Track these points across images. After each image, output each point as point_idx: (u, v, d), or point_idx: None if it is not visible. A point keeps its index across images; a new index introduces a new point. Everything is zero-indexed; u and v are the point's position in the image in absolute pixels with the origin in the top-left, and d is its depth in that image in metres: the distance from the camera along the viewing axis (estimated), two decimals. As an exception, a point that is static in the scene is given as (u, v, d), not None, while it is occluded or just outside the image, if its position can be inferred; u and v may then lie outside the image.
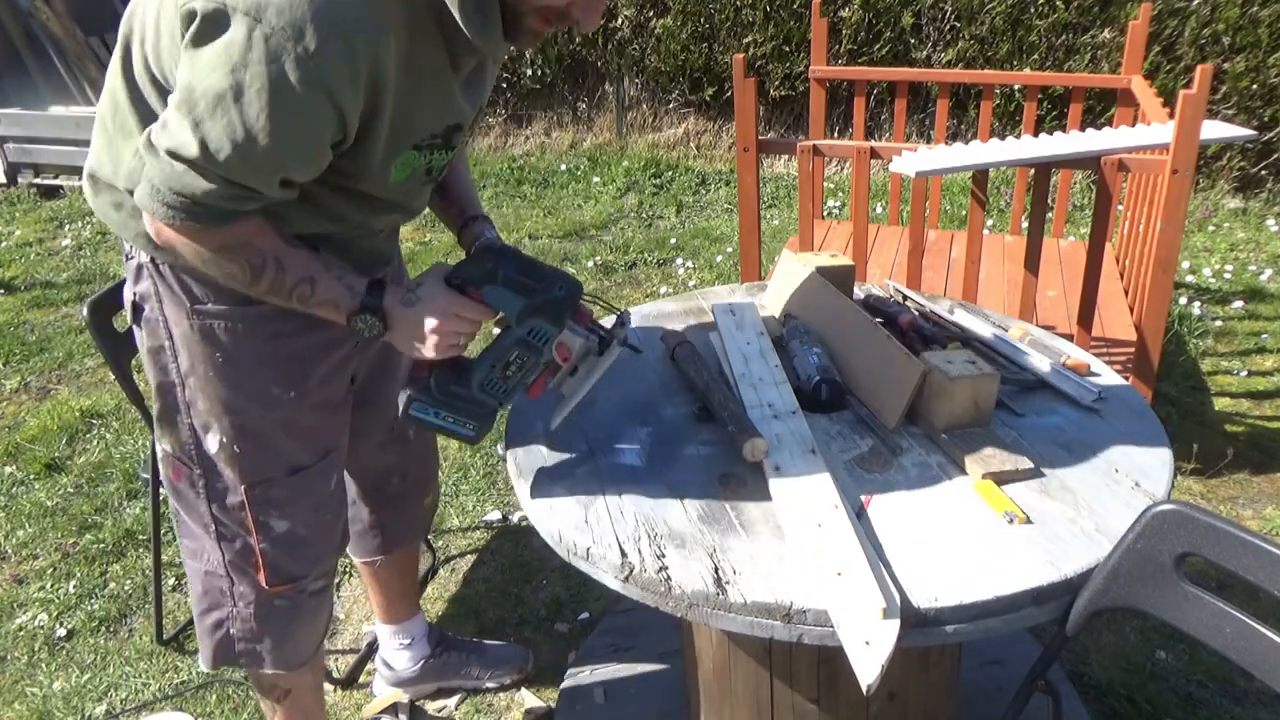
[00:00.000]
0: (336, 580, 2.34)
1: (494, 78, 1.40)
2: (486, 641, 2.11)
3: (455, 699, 2.04)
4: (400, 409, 1.28)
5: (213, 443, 1.39)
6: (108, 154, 1.27)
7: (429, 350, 1.26)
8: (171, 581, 2.41)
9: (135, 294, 1.37)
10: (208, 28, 1.02)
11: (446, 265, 1.30)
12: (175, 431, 1.41)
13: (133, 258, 1.35)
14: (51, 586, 2.42)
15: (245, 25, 1.00)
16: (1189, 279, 3.97)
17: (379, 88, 1.11)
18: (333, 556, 1.57)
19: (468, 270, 1.28)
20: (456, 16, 1.11)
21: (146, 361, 1.40)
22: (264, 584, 1.48)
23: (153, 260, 1.32)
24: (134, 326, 1.40)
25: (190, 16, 1.03)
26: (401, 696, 2.02)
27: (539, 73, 5.85)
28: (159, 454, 1.46)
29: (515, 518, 2.62)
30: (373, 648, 2.14)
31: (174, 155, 1.09)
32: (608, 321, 1.45)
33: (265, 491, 1.43)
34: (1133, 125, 3.08)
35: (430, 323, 1.24)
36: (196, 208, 1.12)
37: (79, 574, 2.46)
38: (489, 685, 2.04)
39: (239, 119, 1.04)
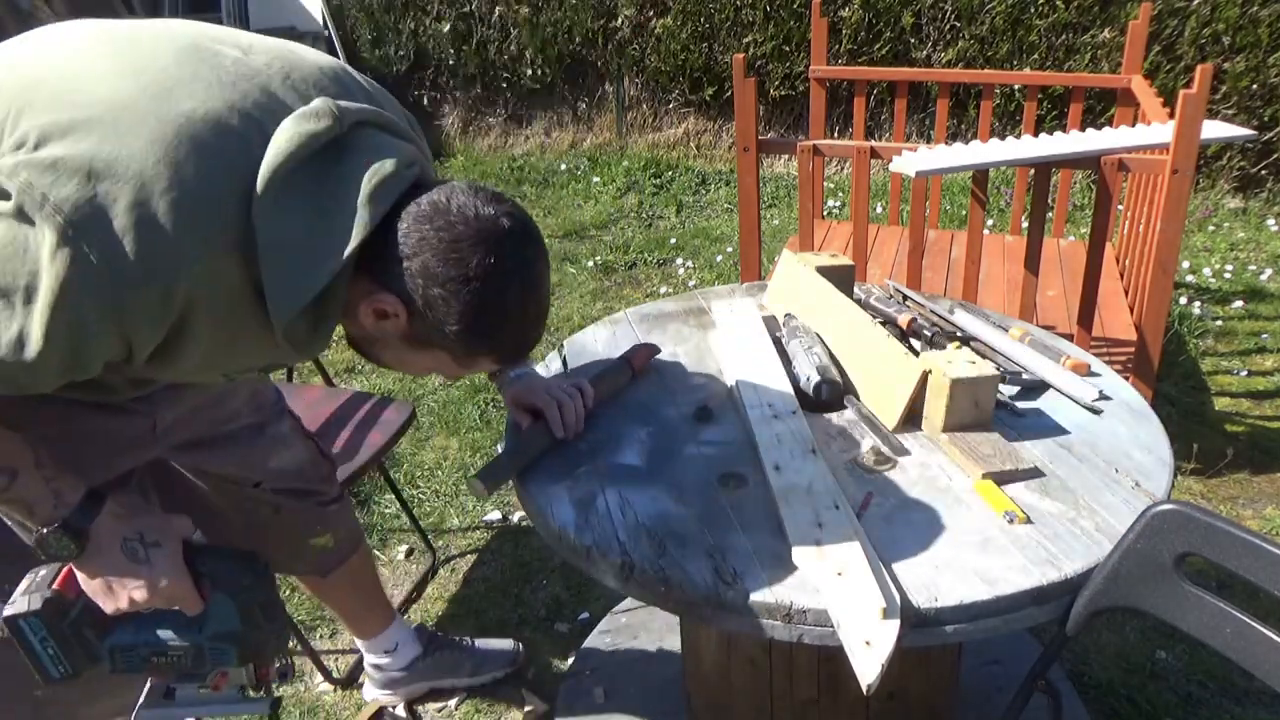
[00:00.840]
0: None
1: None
2: (478, 640, 2.10)
3: (455, 700, 2.04)
4: (11, 605, 1.12)
5: None
6: None
7: (111, 605, 1.13)
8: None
9: None
10: (15, 214, 0.91)
11: (188, 526, 1.23)
12: None
13: None
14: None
15: (67, 243, 0.90)
16: (1189, 279, 3.97)
17: (184, 331, 1.01)
18: None
19: (217, 564, 1.20)
20: (279, 334, 1.04)
21: None
22: None
23: None
24: None
25: None
26: (388, 702, 2.02)
27: (539, 73, 5.85)
28: None
29: (515, 518, 2.62)
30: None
31: None
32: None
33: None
34: (1133, 125, 3.08)
35: (141, 591, 1.13)
36: None
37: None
38: (483, 680, 2.04)
39: (17, 323, 0.92)
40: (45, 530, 1.09)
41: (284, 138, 0.98)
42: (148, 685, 1.26)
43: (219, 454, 1.54)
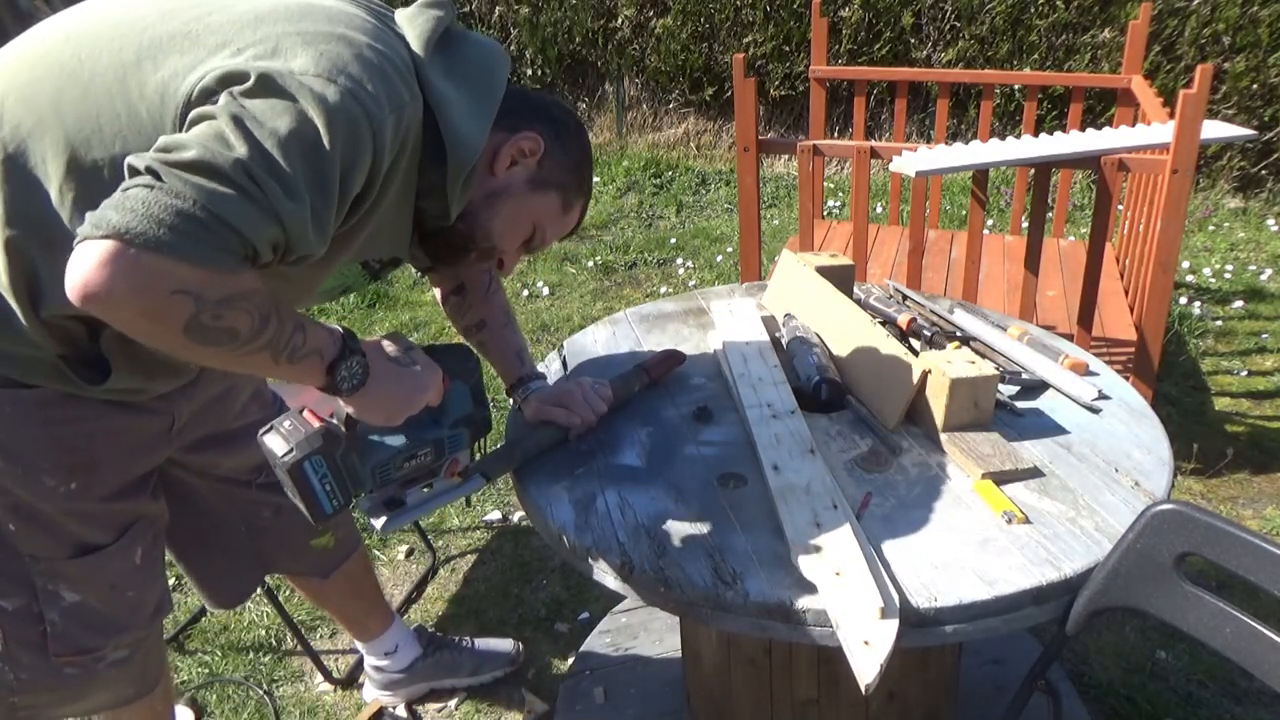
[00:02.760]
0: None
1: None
2: (478, 640, 2.10)
3: (455, 700, 2.04)
4: (287, 455, 1.10)
5: None
6: None
7: (395, 418, 1.16)
8: (171, 581, 2.42)
9: None
10: (262, 87, 0.98)
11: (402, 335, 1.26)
12: None
13: None
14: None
15: (311, 84, 0.99)
16: (1189, 279, 3.97)
17: (389, 182, 1.11)
18: (140, 628, 1.43)
19: (446, 357, 1.24)
20: (449, 186, 1.15)
21: None
22: (51, 653, 1.34)
23: None
24: None
25: (236, 78, 0.99)
26: (388, 703, 2.02)
27: (539, 72, 5.85)
28: None
29: (515, 518, 2.62)
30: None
31: (201, 167, 0.92)
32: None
33: (50, 566, 1.30)
34: (1133, 125, 3.08)
35: (420, 393, 1.17)
36: (229, 234, 0.93)
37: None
38: (482, 680, 2.04)
39: (293, 132, 0.97)
40: (335, 362, 1.09)
41: (420, 21, 1.15)
42: (363, 503, 1.24)
43: (226, 450, 1.54)
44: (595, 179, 5.39)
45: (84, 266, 0.89)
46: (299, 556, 1.75)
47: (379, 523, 1.24)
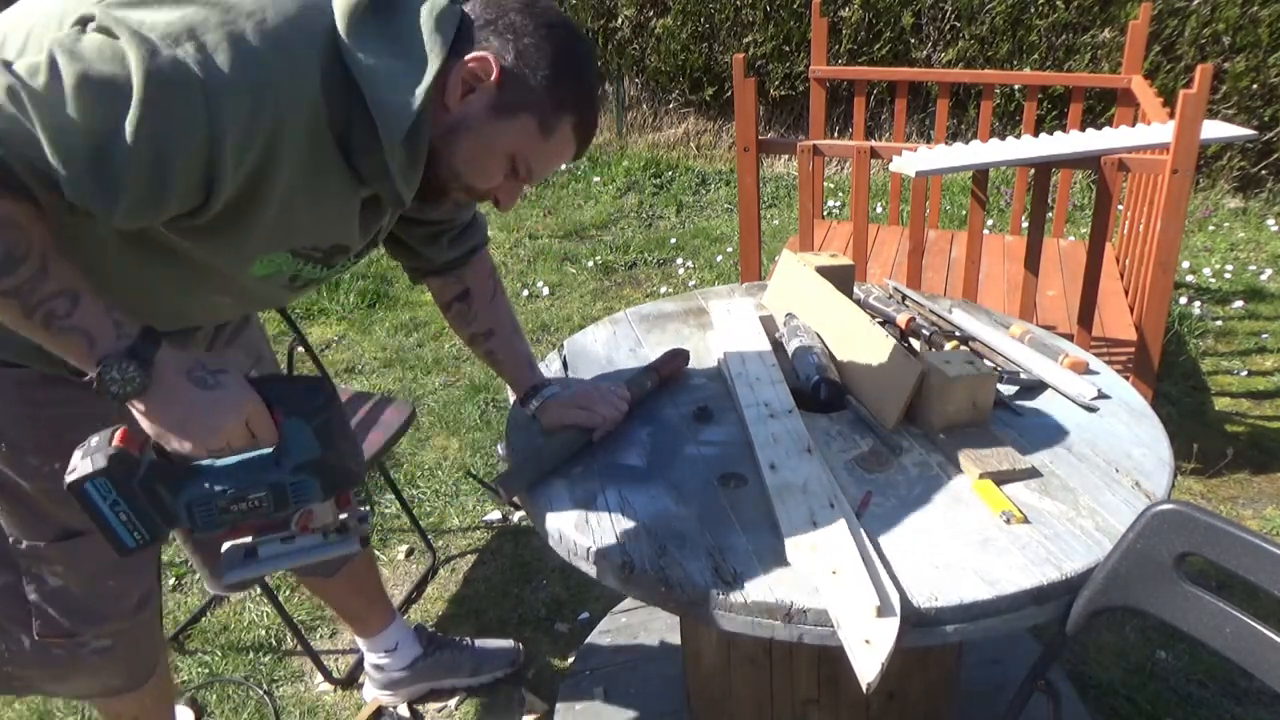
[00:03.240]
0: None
1: (393, 221, 1.31)
2: (478, 640, 2.10)
3: (455, 700, 2.04)
4: (73, 471, 1.01)
5: None
6: None
7: (187, 445, 1.03)
8: (171, 581, 2.41)
9: None
10: (103, 29, 0.92)
11: (244, 361, 1.19)
12: None
13: None
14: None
15: (160, 50, 0.91)
16: (1189, 279, 3.97)
17: (276, 164, 1.00)
18: (122, 621, 1.43)
19: (285, 389, 1.09)
20: (389, 165, 1.05)
21: None
22: (35, 634, 1.37)
23: None
24: None
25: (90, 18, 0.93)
26: (389, 702, 2.02)
27: (539, 73, 5.86)
28: None
29: (515, 518, 2.62)
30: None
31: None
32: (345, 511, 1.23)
33: (34, 549, 1.33)
34: (1133, 125, 3.08)
35: (216, 419, 1.02)
36: None
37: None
38: (483, 680, 2.04)
39: (103, 79, 0.90)
40: (109, 359, 0.98)
41: None
42: (224, 548, 1.15)
43: None
44: (597, 179, 5.40)
45: None
46: None
47: (223, 577, 1.14)
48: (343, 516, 1.15)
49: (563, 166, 5.55)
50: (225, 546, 1.15)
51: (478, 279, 1.52)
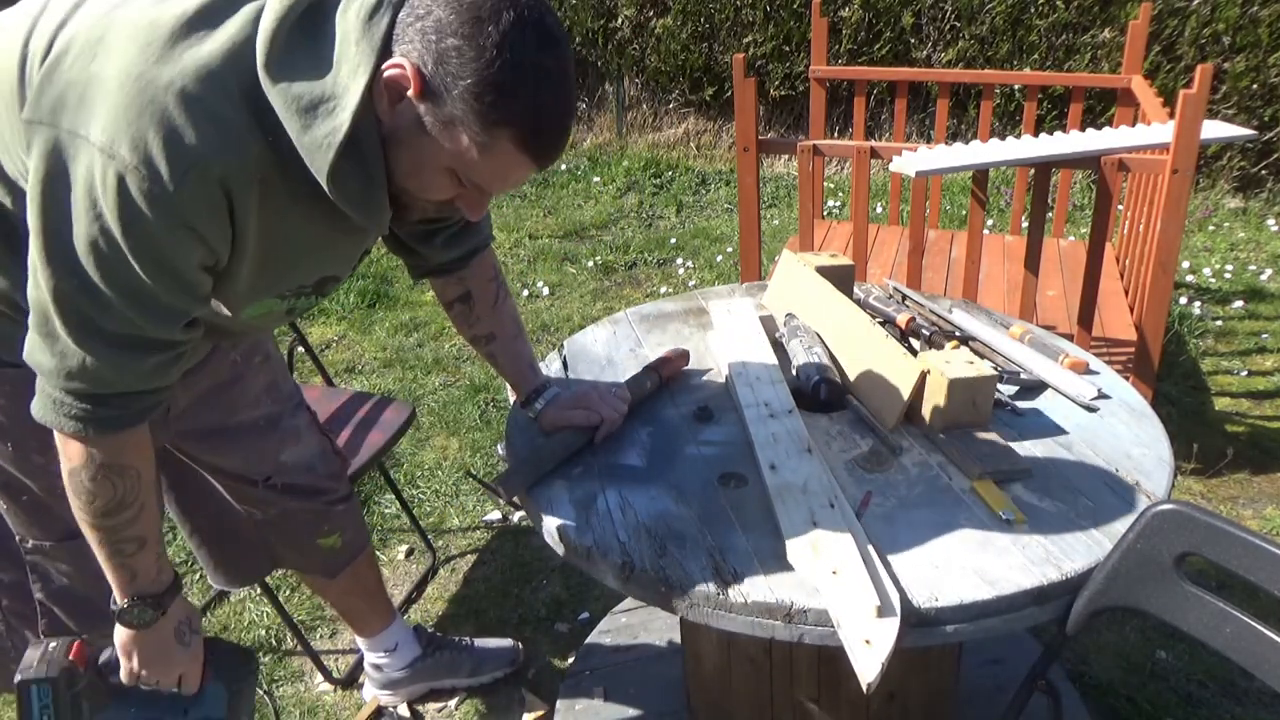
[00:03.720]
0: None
1: (375, 239, 1.32)
2: (478, 640, 2.10)
3: (455, 700, 2.04)
4: (27, 669, 1.18)
5: None
6: None
7: (142, 672, 1.24)
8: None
9: None
10: (55, 161, 0.97)
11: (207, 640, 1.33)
12: None
13: None
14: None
15: (100, 162, 0.94)
16: (1189, 279, 3.97)
17: (240, 226, 1.04)
18: None
19: (225, 656, 1.32)
20: (335, 198, 1.03)
21: None
22: (40, 632, 1.40)
23: None
24: None
25: (34, 136, 0.98)
26: (388, 702, 2.02)
27: (539, 73, 5.85)
28: None
29: (515, 518, 2.62)
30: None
31: (70, 331, 1.01)
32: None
33: (40, 547, 1.36)
34: (1133, 125, 3.08)
35: (168, 669, 1.24)
36: (104, 409, 1.06)
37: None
38: (482, 680, 2.04)
39: (116, 262, 0.98)
40: (141, 598, 1.19)
41: (270, 9, 0.98)
42: None
43: (231, 445, 1.54)
44: (597, 179, 5.40)
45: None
46: (306, 554, 1.76)
47: None
48: None
49: (563, 167, 5.51)
50: None
51: (479, 282, 1.50)
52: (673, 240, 4.56)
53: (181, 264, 1.01)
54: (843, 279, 1.74)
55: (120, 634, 1.22)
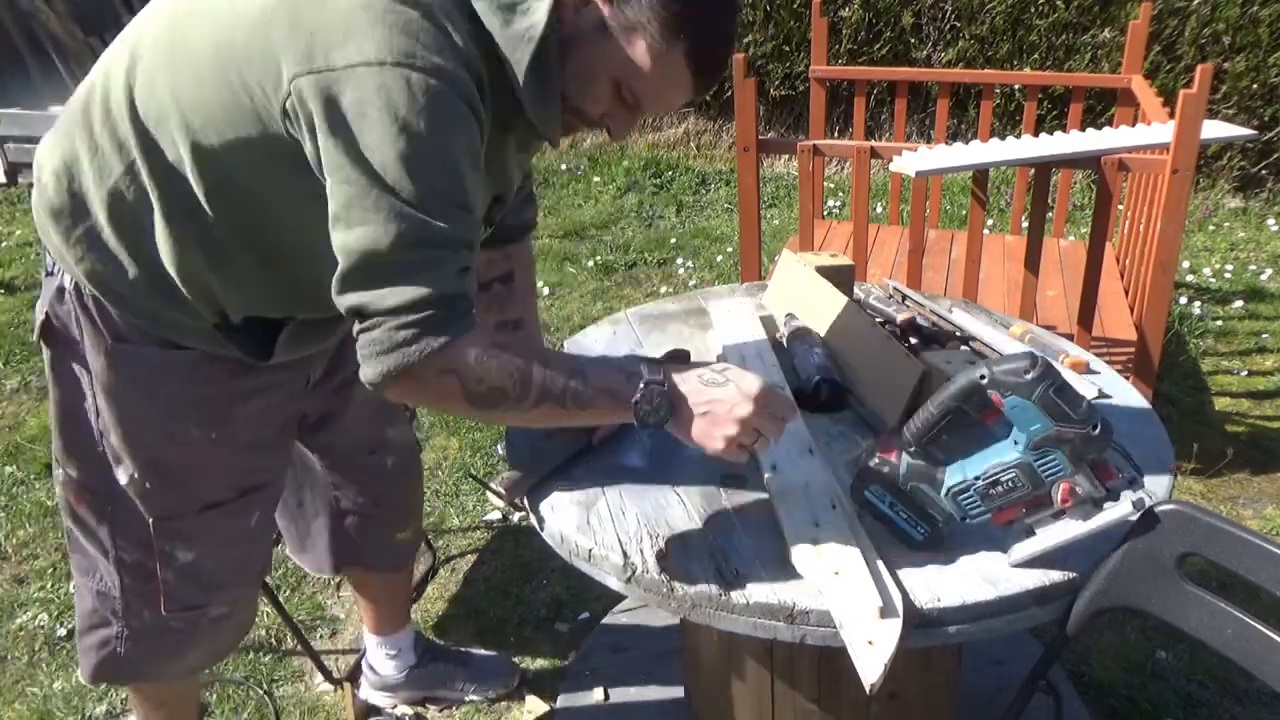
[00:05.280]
0: (337, 580, 2.34)
1: (528, 161, 1.36)
2: (474, 651, 2.09)
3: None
4: (854, 484, 1.18)
5: (122, 475, 1.34)
6: (68, 149, 1.21)
7: (717, 446, 1.11)
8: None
9: (53, 315, 1.30)
10: (340, 100, 1.00)
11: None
12: (84, 459, 1.35)
13: (54, 275, 1.28)
14: (52, 586, 2.42)
15: (390, 75, 0.99)
16: (1189, 279, 3.97)
17: (483, 131, 1.08)
18: (241, 588, 1.52)
19: (1002, 373, 1.09)
20: (522, 96, 1.08)
21: (54, 383, 1.33)
22: (162, 610, 1.43)
23: (77, 287, 1.25)
24: (42, 344, 1.33)
25: (302, 90, 1.01)
26: (384, 703, 2.02)
27: (539, 72, 5.86)
28: (60, 478, 1.39)
29: (515, 518, 2.62)
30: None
31: (376, 258, 1.01)
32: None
33: (173, 525, 1.39)
34: (1133, 125, 3.08)
35: (739, 410, 1.09)
36: (436, 322, 1.03)
37: (79, 574, 2.46)
38: (473, 698, 2.02)
39: (435, 161, 1.01)
40: (636, 403, 1.09)
41: None
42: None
43: (352, 417, 1.60)
44: (597, 179, 5.40)
45: (381, 389, 1.06)
46: (382, 551, 1.81)
47: (1009, 554, 1.17)
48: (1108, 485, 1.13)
49: (563, 167, 5.50)
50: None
51: (522, 263, 1.52)
52: (673, 240, 4.56)
53: (477, 153, 1.05)
54: (843, 279, 1.74)
55: (683, 435, 1.13)
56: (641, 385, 1.09)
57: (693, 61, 1.06)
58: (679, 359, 1.59)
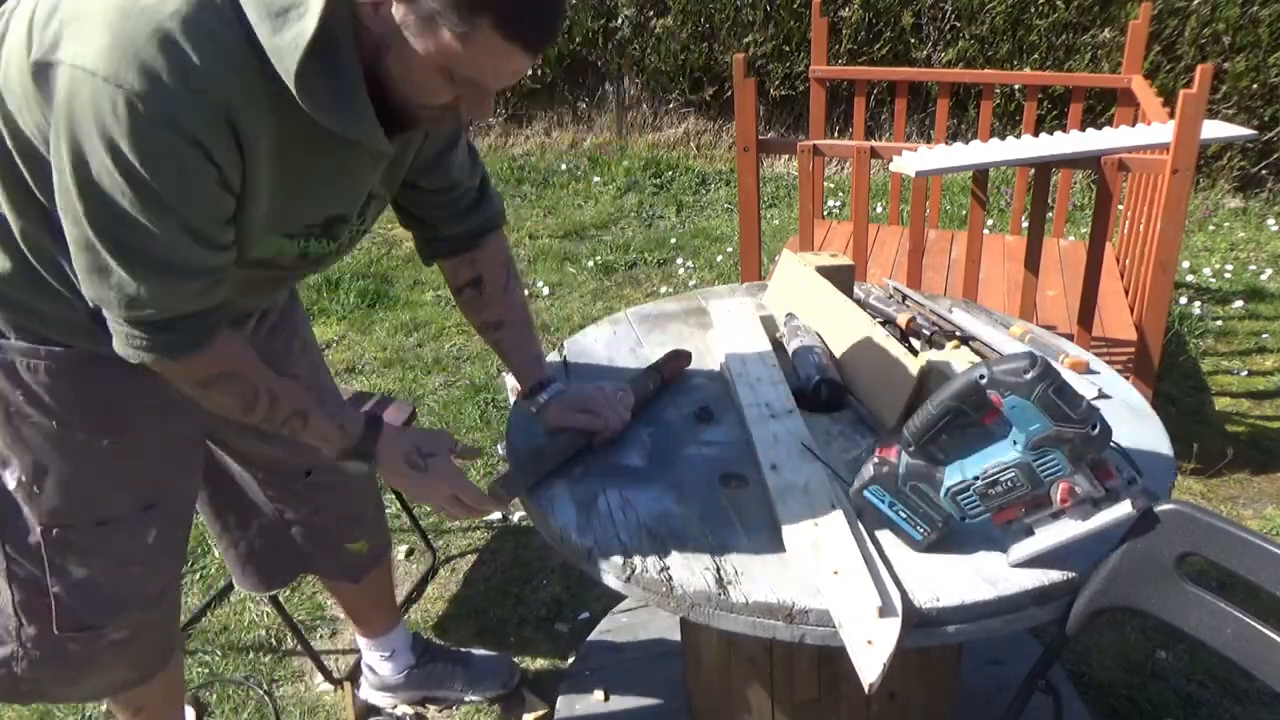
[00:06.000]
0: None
1: (390, 180, 1.30)
2: (474, 651, 2.09)
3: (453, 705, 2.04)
4: (855, 485, 1.20)
5: (10, 479, 1.29)
6: None
7: (434, 502, 1.35)
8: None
9: None
10: (66, 96, 0.98)
11: (452, 443, 1.38)
12: None
13: None
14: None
15: (106, 92, 0.95)
16: (1189, 279, 3.97)
17: (246, 146, 1.04)
18: (144, 612, 1.45)
19: (1001, 372, 1.09)
20: (304, 104, 1.02)
21: None
22: (54, 629, 1.38)
23: None
24: None
25: (41, 76, 1.00)
26: (384, 704, 2.02)
27: (539, 72, 5.85)
28: None
29: (515, 518, 2.62)
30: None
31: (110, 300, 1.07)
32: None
33: (64, 535, 1.33)
34: (1133, 125, 3.08)
35: (426, 495, 1.35)
36: (169, 334, 1.11)
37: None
38: (473, 698, 2.02)
39: (140, 187, 1.00)
40: (341, 455, 1.30)
41: None
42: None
43: (274, 435, 1.50)
44: (597, 179, 5.39)
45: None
46: (333, 558, 1.77)
47: (1008, 554, 1.17)
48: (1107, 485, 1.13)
49: (563, 167, 5.49)
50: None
51: (490, 266, 1.48)
52: (673, 240, 4.56)
53: (198, 183, 1.03)
54: (843, 279, 1.74)
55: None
56: (349, 449, 1.30)
57: (505, 31, 0.99)
58: (682, 358, 1.59)
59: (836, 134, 5.37)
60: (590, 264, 4.30)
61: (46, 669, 1.41)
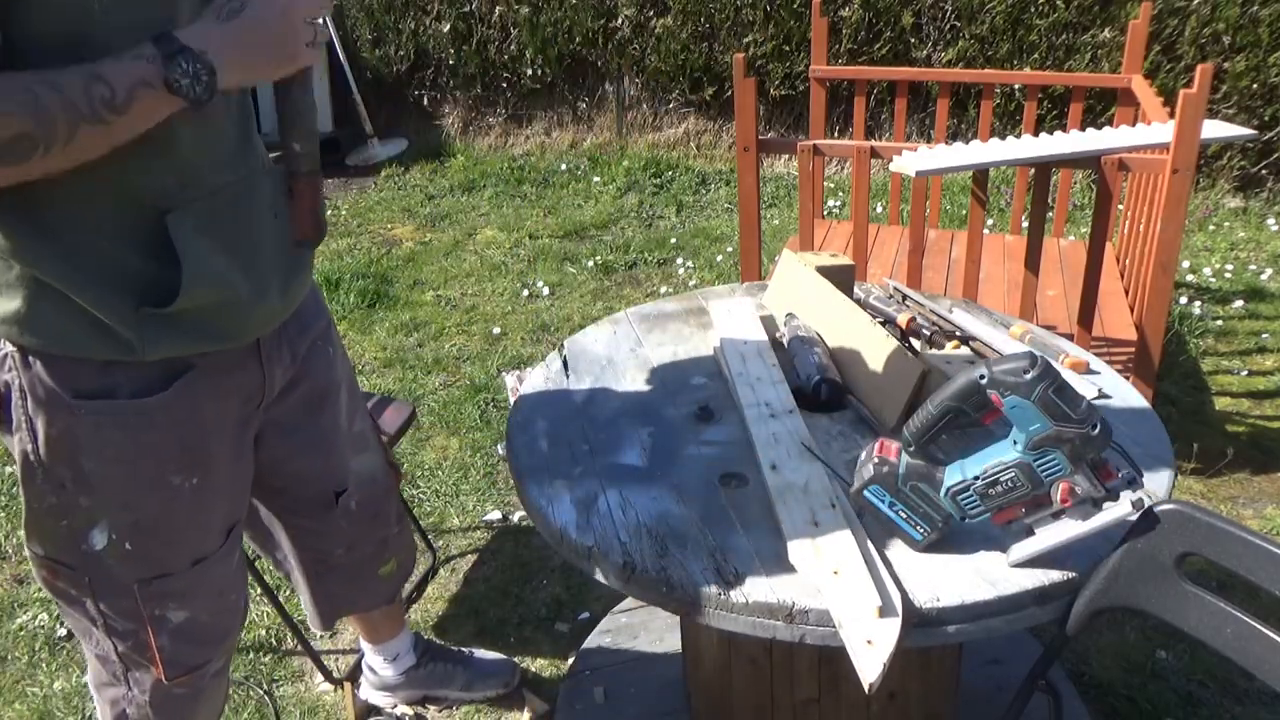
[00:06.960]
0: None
1: None
2: (474, 651, 2.09)
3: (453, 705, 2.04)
4: (855, 485, 1.19)
5: (99, 540, 1.23)
6: None
7: (291, 63, 1.05)
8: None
9: None
10: None
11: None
12: (51, 535, 1.24)
13: None
14: (52, 586, 2.42)
15: None
16: (1189, 278, 3.97)
17: None
18: (237, 633, 1.46)
19: (1001, 372, 1.09)
20: None
21: (14, 454, 1.21)
22: (162, 678, 1.35)
23: (20, 349, 1.13)
24: None
25: None
26: (383, 703, 2.02)
27: (539, 72, 5.85)
28: (29, 555, 1.27)
29: (515, 518, 2.62)
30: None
31: None
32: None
33: (161, 586, 1.29)
34: (1133, 125, 3.08)
35: (274, 16, 1.02)
36: None
37: (79, 574, 2.46)
38: (473, 698, 2.02)
39: None
40: (168, 80, 0.98)
41: None
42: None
43: (316, 443, 1.48)
44: (597, 179, 5.39)
45: None
46: (372, 594, 1.75)
47: (1008, 554, 1.17)
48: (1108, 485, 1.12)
49: (563, 167, 5.46)
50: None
51: None
52: (673, 240, 4.56)
53: None
54: (843, 279, 1.74)
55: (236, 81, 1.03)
56: (163, 59, 0.97)
57: None
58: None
59: (836, 134, 5.37)
60: (590, 264, 4.30)
61: (155, 712, 1.40)
